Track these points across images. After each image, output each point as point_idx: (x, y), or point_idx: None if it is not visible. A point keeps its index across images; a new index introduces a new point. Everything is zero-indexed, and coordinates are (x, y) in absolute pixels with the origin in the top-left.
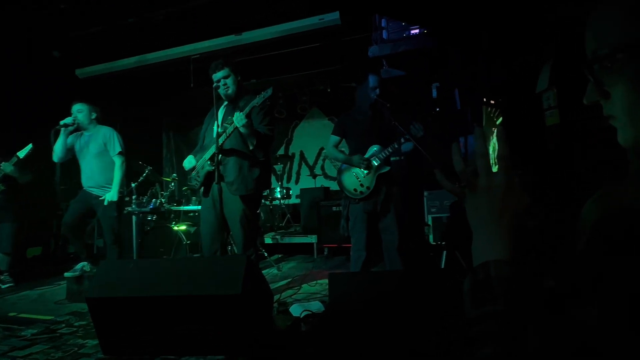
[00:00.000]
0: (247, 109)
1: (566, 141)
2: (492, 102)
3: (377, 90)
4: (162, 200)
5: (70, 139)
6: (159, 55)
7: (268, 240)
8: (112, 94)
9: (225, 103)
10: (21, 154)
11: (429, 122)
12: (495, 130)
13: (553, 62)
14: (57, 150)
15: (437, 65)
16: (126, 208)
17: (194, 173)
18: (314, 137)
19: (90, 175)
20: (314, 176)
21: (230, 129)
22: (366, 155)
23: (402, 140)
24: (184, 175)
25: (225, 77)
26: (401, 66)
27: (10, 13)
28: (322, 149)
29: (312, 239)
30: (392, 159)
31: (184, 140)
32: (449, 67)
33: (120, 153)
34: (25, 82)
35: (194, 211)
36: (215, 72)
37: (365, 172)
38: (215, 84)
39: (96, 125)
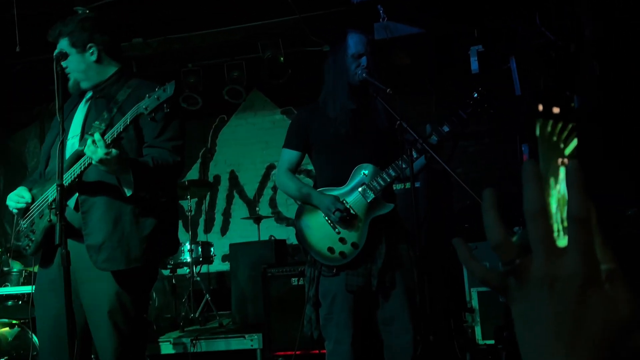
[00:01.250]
0: (119, 126)
1: None
2: (557, 109)
3: (364, 61)
4: None
5: None
6: None
7: (167, 348)
8: None
9: (90, 94)
10: None
11: (458, 120)
12: (564, 166)
13: None
14: None
15: (480, 15)
16: None
17: (25, 223)
18: (255, 146)
19: None
20: (257, 219)
21: None
22: (348, 186)
23: (415, 154)
24: None
25: (62, 57)
26: (413, 18)
27: None
28: (271, 167)
29: (253, 341)
30: (396, 187)
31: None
32: (501, 16)
33: None
34: None
35: (15, 298)
36: (55, 41)
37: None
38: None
39: None
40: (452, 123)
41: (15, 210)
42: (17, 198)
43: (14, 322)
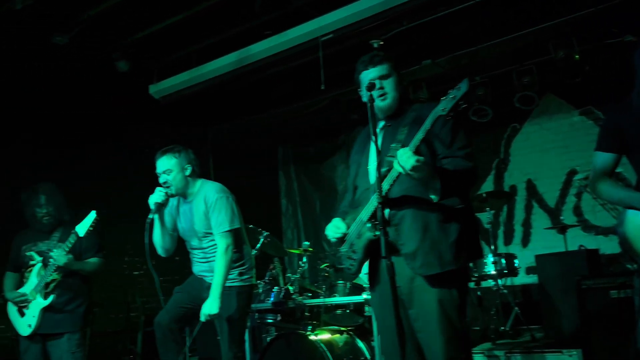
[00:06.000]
0: (419, 134)
1: None
2: None
3: None
4: (290, 288)
5: (166, 216)
6: (269, 46)
7: None
8: (196, 118)
9: (382, 123)
10: (81, 229)
11: None
12: None
13: None
14: (159, 243)
15: None
16: None
17: (344, 248)
18: (552, 152)
19: (202, 256)
20: (562, 229)
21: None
22: None
23: None
24: (317, 242)
25: (383, 77)
26: None
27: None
28: (572, 172)
29: (572, 357)
30: None
31: (315, 179)
32: None
33: (230, 231)
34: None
35: (343, 307)
36: (366, 69)
37: None
38: (367, 91)
39: (194, 181)
40: None
41: (333, 239)
42: (334, 229)
43: (342, 329)
